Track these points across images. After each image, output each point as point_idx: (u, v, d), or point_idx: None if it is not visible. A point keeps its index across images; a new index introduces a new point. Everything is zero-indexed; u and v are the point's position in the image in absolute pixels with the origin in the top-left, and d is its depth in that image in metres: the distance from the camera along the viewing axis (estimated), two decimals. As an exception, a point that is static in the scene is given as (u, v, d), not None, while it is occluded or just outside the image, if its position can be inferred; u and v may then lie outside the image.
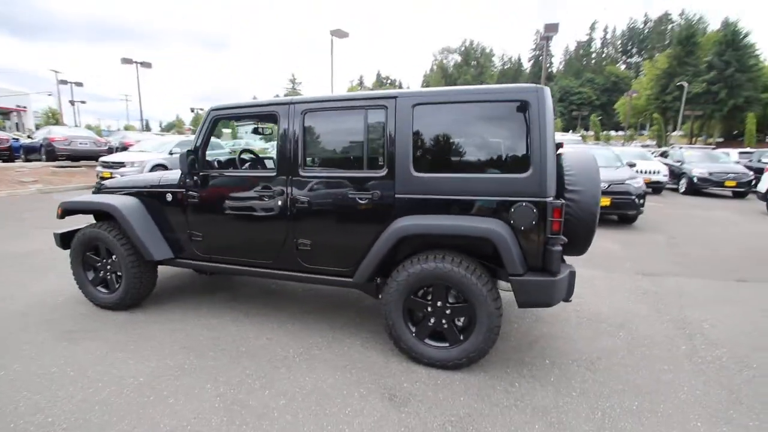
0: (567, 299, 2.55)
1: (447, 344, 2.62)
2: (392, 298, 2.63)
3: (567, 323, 3.40)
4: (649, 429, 2.13)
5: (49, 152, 13.93)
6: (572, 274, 2.54)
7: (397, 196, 2.61)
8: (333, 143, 2.87)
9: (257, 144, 22.90)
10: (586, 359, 2.83)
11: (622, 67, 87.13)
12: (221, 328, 3.21)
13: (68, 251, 3.56)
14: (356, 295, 3.94)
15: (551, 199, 2.37)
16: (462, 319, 2.62)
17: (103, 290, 3.53)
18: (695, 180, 12.31)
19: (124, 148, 15.02)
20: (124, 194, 3.49)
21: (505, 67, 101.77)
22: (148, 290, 3.52)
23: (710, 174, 12.16)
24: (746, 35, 48.46)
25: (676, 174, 13.09)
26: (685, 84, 44.78)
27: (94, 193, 3.75)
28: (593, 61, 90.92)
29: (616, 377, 2.61)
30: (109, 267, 3.47)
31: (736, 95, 45.14)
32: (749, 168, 13.01)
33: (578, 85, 75.26)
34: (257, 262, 3.09)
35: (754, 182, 11.67)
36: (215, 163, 3.46)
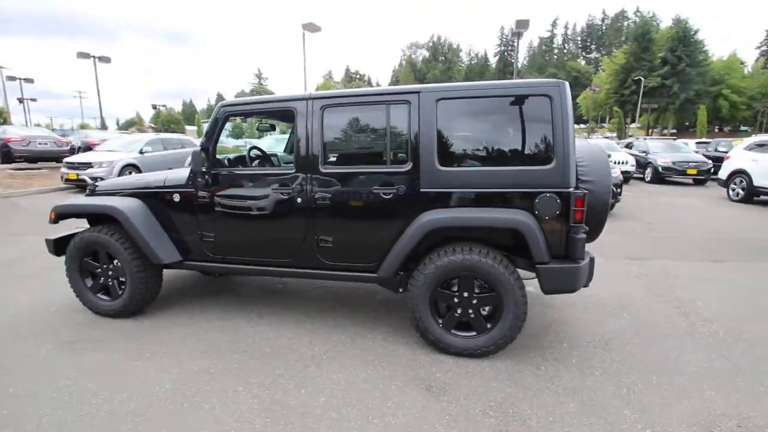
0: (587, 284, 2.67)
1: (474, 333, 2.68)
2: (419, 291, 2.67)
3: (574, 308, 3.56)
4: (670, 401, 2.29)
5: (5, 154, 12.95)
6: (592, 261, 2.66)
7: (422, 190, 2.63)
8: (354, 139, 2.85)
9: (265, 141, 22.21)
10: (600, 341, 2.98)
11: (582, 62, 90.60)
12: (236, 330, 3.13)
13: (60, 258, 3.36)
14: (366, 290, 3.95)
15: (573, 189, 2.48)
16: (486, 308, 2.69)
17: (104, 297, 3.36)
18: (660, 169, 13.08)
19: (87, 147, 14.18)
20: (125, 196, 3.32)
21: (472, 62, 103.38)
22: (154, 295, 3.39)
23: (674, 163, 12.95)
24: (696, 32, 51.51)
25: (642, 164, 13.84)
26: (642, 78, 47.13)
27: (88, 195, 3.54)
28: (555, 57, 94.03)
29: (631, 356, 2.77)
30: (110, 273, 3.30)
31: (688, 89, 48.02)
32: (707, 157, 13.95)
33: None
34: (275, 261, 3.03)
35: (712, 170, 12.54)
36: (225, 161, 3.35)
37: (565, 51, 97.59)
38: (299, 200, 2.85)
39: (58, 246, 3.39)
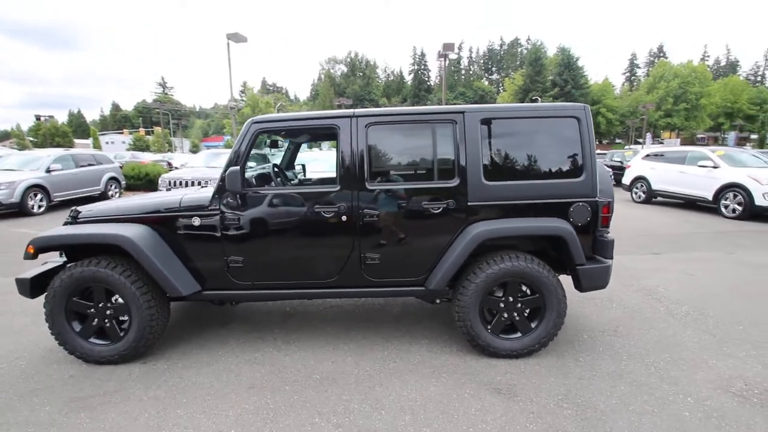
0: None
1: (519, 335, 2.88)
2: (470, 300, 2.79)
3: (571, 303, 3.96)
4: (690, 372, 2.71)
5: None
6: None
7: (469, 203, 2.78)
8: (400, 156, 2.89)
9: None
10: (609, 329, 3.39)
11: (486, 82, 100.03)
12: (271, 360, 2.92)
13: (28, 300, 2.80)
14: (379, 305, 3.94)
15: (599, 198, 2.84)
16: (528, 311, 2.90)
17: (99, 342, 2.87)
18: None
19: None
20: (124, 222, 2.90)
21: (389, 79, 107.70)
22: (162, 332, 2.99)
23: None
24: (577, 59, 60.23)
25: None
26: (539, 98, 53.51)
27: (68, 223, 3.01)
28: (463, 77, 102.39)
29: (640, 340, 3.21)
30: (108, 312, 2.84)
31: (574, 108, 55.64)
32: (606, 165, 16.42)
33: (453, 98, 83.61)
34: (314, 282, 2.91)
35: (612, 176, 14.76)
36: (252, 180, 3.11)
37: (471, 72, 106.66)
38: (344, 218, 2.79)
39: (35, 285, 2.83)
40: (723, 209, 8.79)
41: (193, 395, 2.50)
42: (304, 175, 4.82)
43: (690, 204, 10.13)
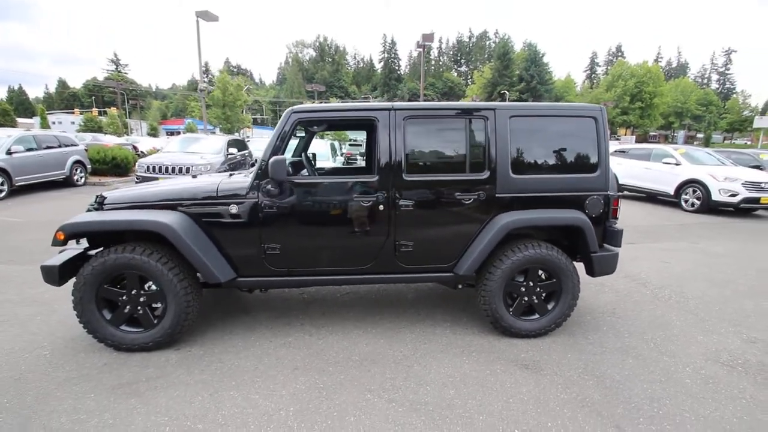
0: None
1: (537, 316, 3.15)
2: (495, 285, 3.01)
3: (570, 288, 4.33)
4: (684, 346, 3.09)
5: None
6: None
7: (497, 195, 2.98)
8: (435, 148, 3.03)
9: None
10: (607, 311, 3.75)
11: (455, 74, 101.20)
12: (306, 344, 3.02)
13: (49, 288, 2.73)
14: (394, 291, 4.11)
15: (611, 192, 3.13)
16: (544, 294, 3.17)
17: (132, 329, 2.85)
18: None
19: None
20: (155, 209, 2.87)
21: (359, 66, 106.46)
22: (195, 319, 3.01)
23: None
24: (543, 55, 62.16)
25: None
26: (507, 92, 54.91)
27: (93, 209, 2.93)
28: (433, 68, 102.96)
29: (635, 319, 3.58)
30: (142, 299, 2.82)
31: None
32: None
33: (423, 88, 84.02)
34: (349, 269, 3.02)
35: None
36: (289, 168, 3.14)
37: (440, 63, 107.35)
38: (381, 207, 2.91)
39: (63, 273, 2.76)
40: (683, 203, 9.62)
41: (241, 378, 2.57)
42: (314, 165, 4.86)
43: (651, 198, 10.98)
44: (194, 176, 3.44)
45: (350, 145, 20.09)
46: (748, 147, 38.24)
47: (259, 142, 16.70)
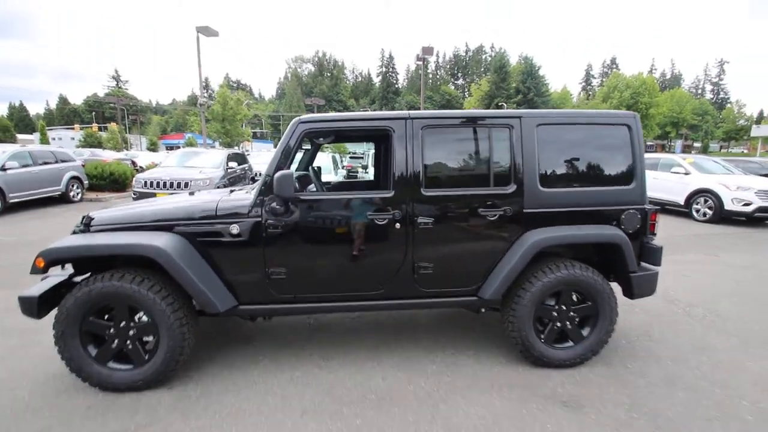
0: None
1: (571, 344, 2.84)
2: (525, 310, 2.72)
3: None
4: (733, 374, 2.79)
5: None
6: None
7: (525, 210, 2.71)
8: (456, 161, 2.76)
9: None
10: (642, 334, 3.44)
11: (452, 87, 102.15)
12: (316, 379, 2.71)
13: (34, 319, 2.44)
14: (403, 316, 3.80)
15: (648, 206, 2.86)
16: (577, 319, 2.87)
17: (120, 366, 2.54)
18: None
19: None
20: (148, 230, 2.59)
21: (357, 80, 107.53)
22: (190, 352, 2.70)
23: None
24: (539, 68, 62.85)
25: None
26: (504, 104, 55.26)
27: (78, 231, 2.65)
28: (431, 81, 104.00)
29: (674, 344, 3.27)
30: (132, 332, 2.52)
31: (538, 114, 58.25)
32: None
33: (420, 101, 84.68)
34: (363, 294, 2.73)
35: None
36: (296, 184, 2.86)
37: (438, 76, 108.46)
38: (398, 225, 2.63)
39: (43, 304, 2.46)
40: (694, 213, 9.36)
41: (243, 424, 2.25)
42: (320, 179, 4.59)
43: (660, 208, 10.74)
44: (191, 193, 3.16)
45: (351, 158, 19.94)
46: (745, 155, 38.27)
47: (259, 155, 16.49)
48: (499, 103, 57.15)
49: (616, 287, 2.95)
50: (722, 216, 8.88)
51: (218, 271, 2.61)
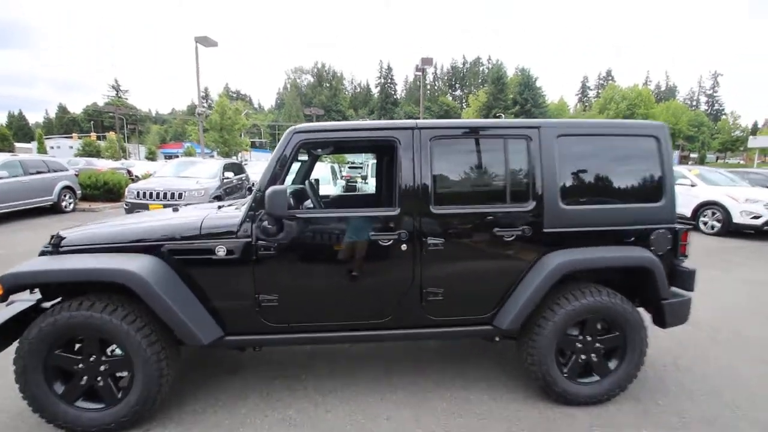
0: None
1: (598, 378, 2.56)
2: (546, 342, 2.44)
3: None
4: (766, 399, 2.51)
5: None
6: None
7: (545, 230, 2.45)
8: (468, 175, 2.51)
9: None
10: (669, 363, 3.15)
11: (450, 98, 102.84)
12: (311, 419, 2.41)
13: None
14: (397, 345, 3.50)
15: (678, 225, 2.60)
16: (603, 350, 2.59)
17: (90, 406, 2.24)
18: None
19: None
20: (128, 251, 2.31)
21: (356, 90, 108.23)
22: (170, 389, 2.40)
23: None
24: (536, 79, 63.42)
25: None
26: (502, 115, 55.50)
27: (47, 252, 2.37)
28: (429, 92, 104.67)
29: (704, 374, 2.98)
30: (103, 367, 2.22)
31: (535, 125, 58.64)
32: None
33: (418, 112, 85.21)
34: (364, 323, 2.45)
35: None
36: (291, 200, 2.59)
37: (436, 87, 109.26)
38: (404, 246, 2.36)
39: (3, 334, 2.17)
40: (702, 226, 9.13)
41: (227, 478, 1.95)
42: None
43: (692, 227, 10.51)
44: (175, 209, 2.88)
45: (350, 167, 19.73)
46: (741, 166, 38.30)
47: (257, 165, 16.25)
48: (497, 114, 57.43)
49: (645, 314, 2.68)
50: (730, 229, 8.65)
51: (202, 298, 2.32)
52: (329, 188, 8.89)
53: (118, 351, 2.24)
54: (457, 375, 2.92)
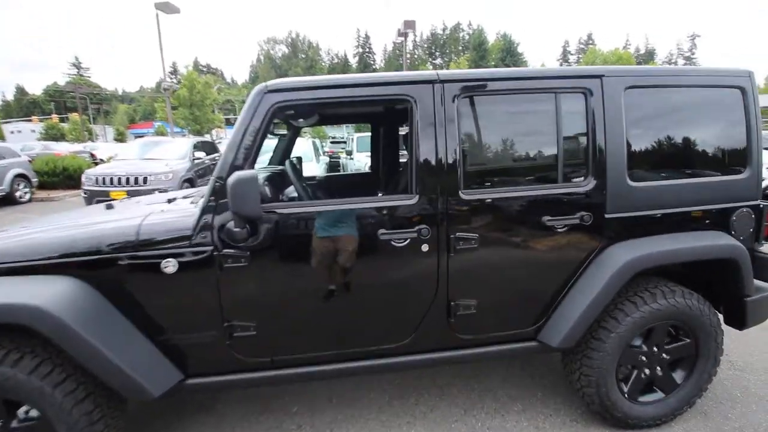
0: None
1: (662, 395, 2.06)
2: (606, 359, 1.90)
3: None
4: None
5: None
6: None
7: (607, 216, 1.86)
8: (507, 145, 1.87)
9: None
10: (723, 361, 2.68)
11: (430, 67, 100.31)
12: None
13: None
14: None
15: (762, 201, 2.06)
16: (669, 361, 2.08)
17: (-2, 489, 1.61)
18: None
19: None
20: (36, 272, 1.62)
21: (334, 62, 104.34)
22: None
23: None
24: (518, 45, 62.35)
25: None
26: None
27: None
28: (408, 61, 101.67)
29: (765, 369, 2.55)
30: (13, 437, 1.58)
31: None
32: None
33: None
34: (373, 350, 1.85)
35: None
36: (266, 190, 1.90)
37: (415, 56, 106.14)
38: (425, 247, 1.74)
39: None
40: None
41: None
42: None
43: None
44: (109, 206, 2.15)
45: (332, 142, 18.72)
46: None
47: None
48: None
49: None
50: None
51: (149, 332, 1.67)
52: (312, 167, 8.11)
53: (33, 413, 1.60)
54: (484, 393, 2.38)
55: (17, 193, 10.12)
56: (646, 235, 1.91)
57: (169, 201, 2.05)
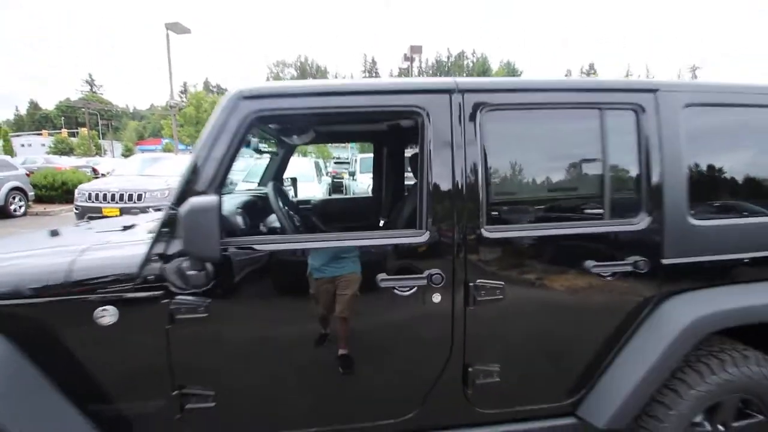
0: None
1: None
2: (665, 442, 1.49)
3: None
4: None
5: None
6: None
7: (664, 261, 1.48)
8: (540, 171, 1.51)
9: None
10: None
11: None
12: None
13: None
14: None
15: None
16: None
17: None
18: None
19: None
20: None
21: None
22: None
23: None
24: (521, 73, 63.58)
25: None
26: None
27: None
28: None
29: None
30: None
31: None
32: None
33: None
34: (367, 426, 1.45)
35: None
36: (237, 219, 1.54)
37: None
38: (437, 297, 1.37)
39: None
40: None
41: None
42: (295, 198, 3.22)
43: None
44: (54, 233, 1.75)
45: (335, 163, 18.55)
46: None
47: (239, 162, 15.05)
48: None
49: None
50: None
51: (78, 400, 1.29)
52: (314, 187, 7.80)
53: None
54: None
55: (12, 207, 9.91)
56: (710, 286, 1.54)
57: (125, 228, 1.68)
